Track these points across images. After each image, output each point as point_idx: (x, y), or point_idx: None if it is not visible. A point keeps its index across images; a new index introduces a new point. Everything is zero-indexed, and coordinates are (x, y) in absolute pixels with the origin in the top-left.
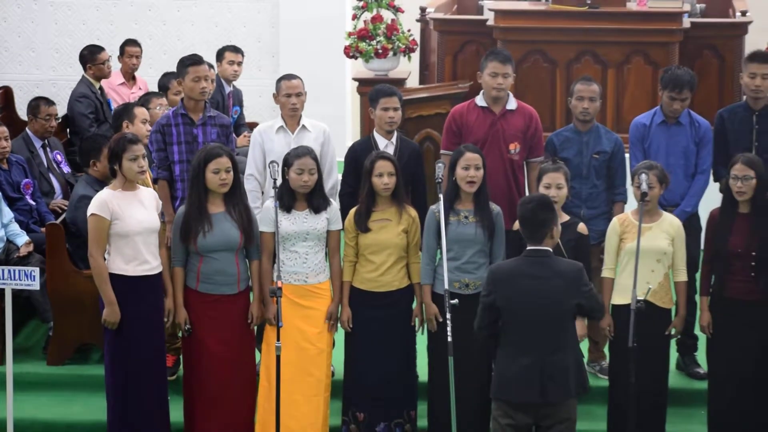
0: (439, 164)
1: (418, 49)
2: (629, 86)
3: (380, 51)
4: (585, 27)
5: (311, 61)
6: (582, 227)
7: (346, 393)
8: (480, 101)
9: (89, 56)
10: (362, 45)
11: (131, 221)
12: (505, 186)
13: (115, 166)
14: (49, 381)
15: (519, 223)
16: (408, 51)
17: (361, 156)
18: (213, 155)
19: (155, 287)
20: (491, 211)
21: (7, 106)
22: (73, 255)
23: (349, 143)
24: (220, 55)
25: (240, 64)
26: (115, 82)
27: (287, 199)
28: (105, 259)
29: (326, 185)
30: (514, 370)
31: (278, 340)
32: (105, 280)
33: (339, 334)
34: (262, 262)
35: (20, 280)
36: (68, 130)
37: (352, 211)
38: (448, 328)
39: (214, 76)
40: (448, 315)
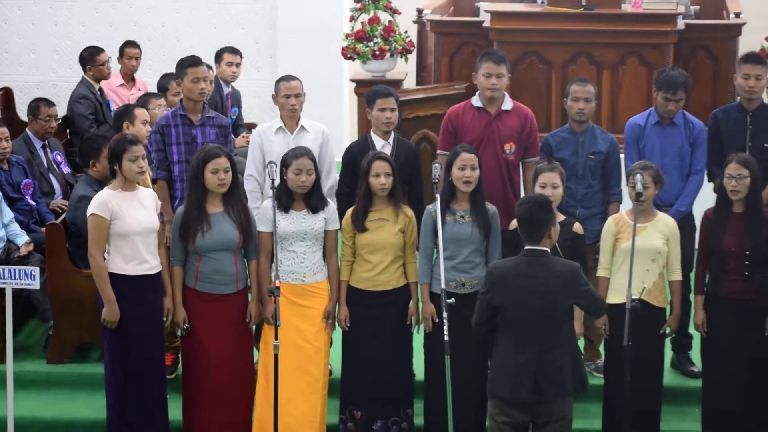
0: (436, 164)
1: (415, 51)
2: (624, 87)
3: (377, 52)
4: (580, 28)
5: (309, 62)
6: (577, 227)
7: (344, 391)
8: (476, 102)
9: (89, 58)
10: (359, 46)
11: (131, 221)
12: (501, 186)
13: (115, 167)
14: (49, 380)
15: (517, 222)
16: (405, 52)
17: (358, 156)
18: (212, 156)
19: (154, 287)
20: (487, 211)
21: (8, 107)
22: (73, 255)
23: (346, 144)
24: (218, 57)
25: (238, 65)
26: (114, 84)
27: (285, 199)
28: (105, 258)
29: (325, 185)
30: (509, 367)
31: (276, 339)
32: (105, 280)
33: (337, 333)
34: (260, 262)
35: (20, 279)
36: (68, 130)
37: (350, 211)
38: (445, 327)
39: (212, 77)
40: (444, 314)
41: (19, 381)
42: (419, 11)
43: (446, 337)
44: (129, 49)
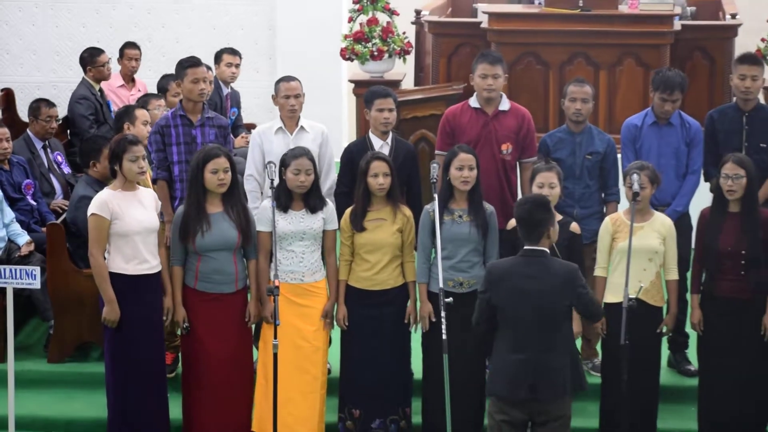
0: (434, 164)
1: (413, 52)
2: (621, 88)
3: (376, 53)
4: (577, 29)
5: (308, 63)
6: (575, 227)
7: (342, 390)
8: (473, 102)
9: (89, 59)
10: (358, 47)
11: (131, 221)
12: (498, 186)
13: (115, 167)
14: (49, 378)
15: (516, 223)
16: (403, 53)
17: (356, 156)
18: (211, 156)
19: (154, 286)
20: (485, 211)
21: (9, 107)
22: (74, 254)
23: (345, 144)
24: (218, 58)
25: (238, 66)
26: (114, 84)
27: (284, 199)
28: (105, 258)
29: (324, 185)
30: (506, 366)
31: (275, 338)
32: (105, 279)
33: (336, 331)
34: (259, 261)
35: (21, 279)
36: (68, 131)
37: (348, 210)
38: (443, 327)
39: (212, 78)
40: (443, 313)
41: (19, 380)
42: (417, 12)
43: (444, 336)
44: (129, 50)
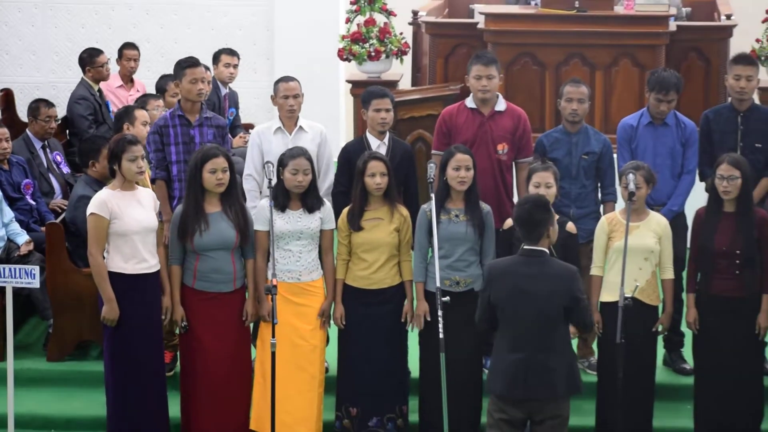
0: (431, 164)
1: (410, 52)
2: (617, 88)
3: (373, 54)
4: (574, 30)
5: (306, 63)
6: (570, 226)
7: (340, 388)
8: (470, 103)
9: (88, 59)
10: (355, 48)
11: (130, 220)
12: (493, 186)
13: (114, 167)
14: (49, 377)
15: (516, 223)
16: (400, 54)
17: (353, 156)
18: (210, 156)
19: (153, 285)
20: (481, 210)
21: (8, 108)
22: (73, 254)
23: (342, 144)
24: (216, 58)
25: (236, 66)
26: (113, 85)
27: (282, 198)
28: (104, 257)
29: (323, 185)
30: (504, 365)
31: (273, 336)
32: (104, 278)
33: (333, 330)
34: (257, 261)
35: (21, 278)
36: (67, 131)
37: (345, 210)
38: (440, 325)
39: (210, 78)
40: (439, 312)
41: (19, 378)
42: (414, 13)
43: (441, 335)
44: (128, 51)
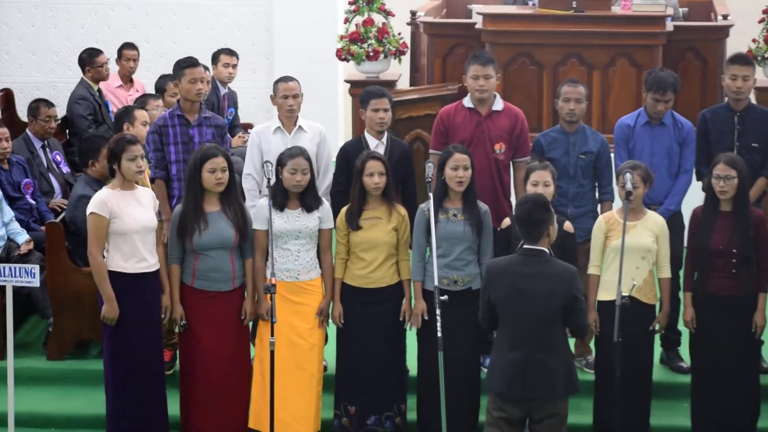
0: (429, 164)
1: (409, 52)
2: (614, 88)
3: (371, 54)
4: (571, 30)
5: (304, 63)
6: (568, 226)
7: (338, 387)
8: (467, 102)
9: (88, 59)
10: (354, 48)
11: (129, 220)
12: (490, 185)
13: (114, 166)
14: (49, 375)
15: (516, 222)
16: (398, 54)
17: (352, 156)
18: (209, 155)
19: (153, 284)
20: (479, 210)
21: (8, 107)
22: (72, 253)
23: (341, 143)
24: (215, 58)
25: (235, 66)
26: (112, 85)
27: (280, 197)
28: (104, 256)
29: (322, 184)
30: (503, 363)
31: (272, 335)
32: (104, 277)
33: (332, 329)
34: (256, 260)
35: (21, 277)
36: (67, 131)
37: (344, 209)
38: (438, 324)
39: (209, 78)
40: (437, 311)
41: (19, 377)
42: (413, 13)
43: (439, 334)
44: (127, 51)
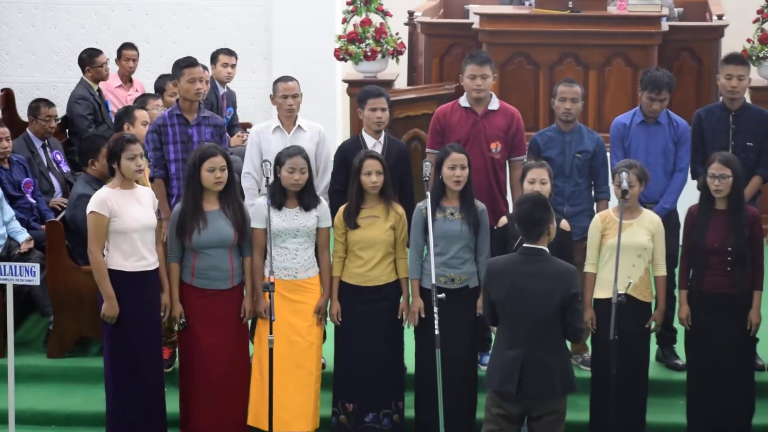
0: (426, 163)
1: (406, 52)
2: (610, 87)
3: (369, 53)
4: (567, 30)
5: (303, 63)
6: (564, 224)
7: (336, 384)
8: (463, 102)
9: (88, 59)
10: (352, 48)
11: (129, 219)
12: (487, 184)
13: (113, 165)
14: (49, 373)
15: (516, 221)
16: (396, 53)
17: (350, 155)
18: (208, 154)
19: (152, 282)
20: (476, 208)
21: (9, 107)
22: (72, 251)
23: (339, 143)
24: (214, 58)
25: (234, 66)
26: (112, 85)
27: (278, 196)
28: (104, 255)
29: (321, 184)
30: (500, 360)
31: (271, 333)
32: (104, 276)
33: (330, 327)
34: (254, 258)
35: (21, 275)
36: (67, 130)
37: (342, 208)
38: (436, 322)
39: (208, 78)
40: (435, 309)
41: (19, 375)
42: (410, 13)
43: (437, 332)
44: (127, 51)
